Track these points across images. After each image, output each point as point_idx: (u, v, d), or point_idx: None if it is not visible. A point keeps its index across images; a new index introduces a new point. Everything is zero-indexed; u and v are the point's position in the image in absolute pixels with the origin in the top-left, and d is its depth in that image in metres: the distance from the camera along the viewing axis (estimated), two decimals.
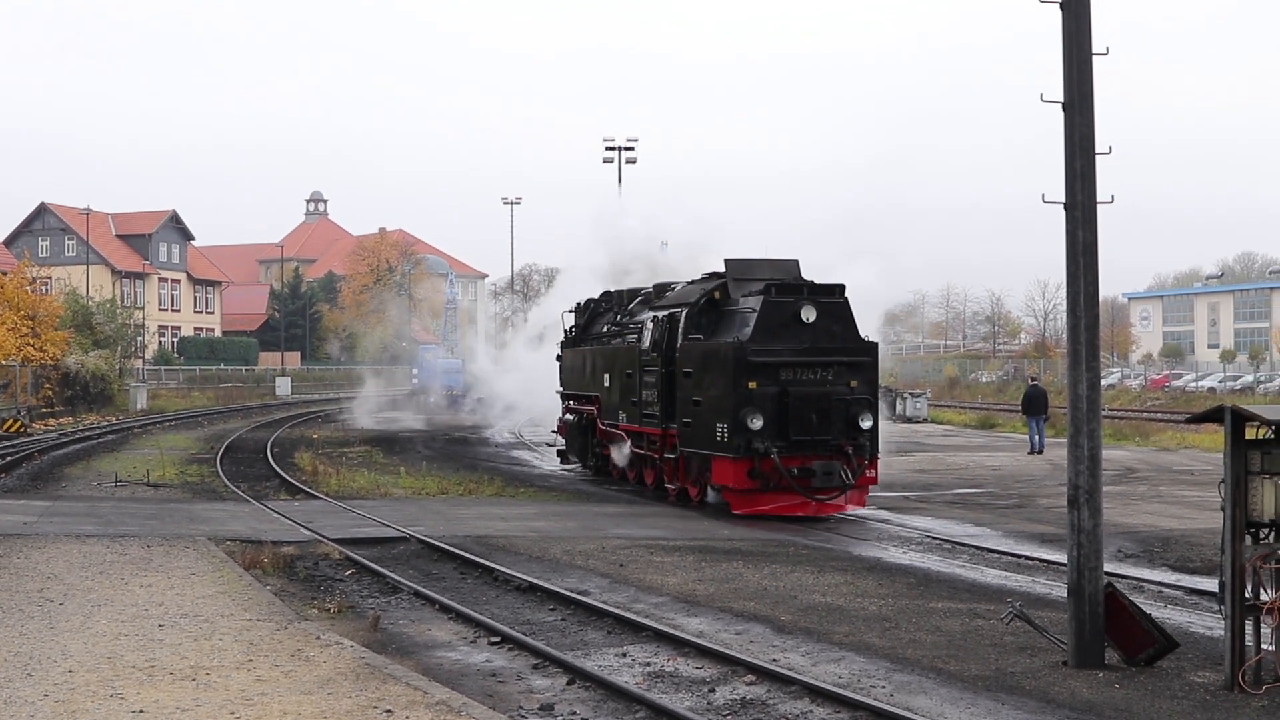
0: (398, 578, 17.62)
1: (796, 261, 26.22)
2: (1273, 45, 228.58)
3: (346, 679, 11.42)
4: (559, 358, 36.58)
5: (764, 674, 12.25)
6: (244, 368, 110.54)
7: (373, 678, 11.46)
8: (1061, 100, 12.69)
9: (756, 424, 23.11)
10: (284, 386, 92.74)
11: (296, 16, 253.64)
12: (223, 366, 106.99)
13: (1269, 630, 11.62)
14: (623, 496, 29.48)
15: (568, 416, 35.08)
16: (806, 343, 23.82)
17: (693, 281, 28.15)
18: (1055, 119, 12.80)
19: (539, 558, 19.34)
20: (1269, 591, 11.52)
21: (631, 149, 62.43)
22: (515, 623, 14.87)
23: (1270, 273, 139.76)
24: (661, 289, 29.78)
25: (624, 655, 13.31)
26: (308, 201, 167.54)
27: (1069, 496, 12.60)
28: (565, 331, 36.27)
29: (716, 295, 25.58)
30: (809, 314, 23.76)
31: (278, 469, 34.39)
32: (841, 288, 24.69)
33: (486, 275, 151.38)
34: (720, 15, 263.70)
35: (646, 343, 27.23)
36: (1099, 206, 12.68)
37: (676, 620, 14.78)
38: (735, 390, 23.31)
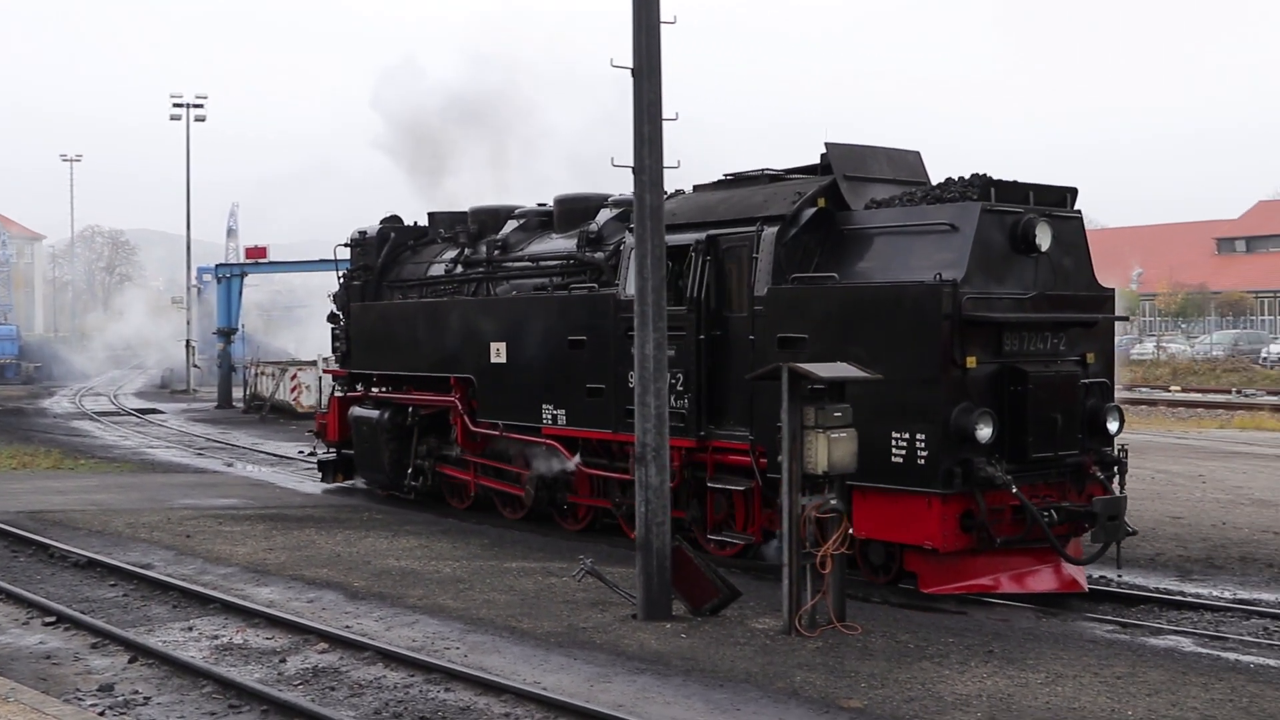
0: None
1: (918, 153, 16.60)
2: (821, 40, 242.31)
3: None
4: (333, 317, 23.97)
5: (336, 641, 12.04)
6: None
7: None
8: (631, 66, 12.92)
9: (985, 433, 13.26)
10: None
11: None
12: None
13: (823, 576, 12.23)
14: (191, 465, 28.49)
15: (361, 411, 22.21)
16: (1035, 288, 14.13)
17: (705, 186, 17.12)
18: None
19: (100, 532, 18.41)
20: (822, 540, 12.13)
21: (201, 106, 60.01)
22: (73, 601, 14.10)
23: None
24: (574, 205, 19.35)
25: (190, 629, 12.82)
26: None
27: (636, 454, 12.92)
28: (342, 278, 23.75)
29: (821, 202, 15.07)
30: (1044, 237, 14.01)
31: None
32: (1074, 193, 15.03)
33: (44, 237, 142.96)
34: None
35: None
36: (665, 171, 13.03)
37: (246, 591, 14.35)
38: (943, 372, 13.33)
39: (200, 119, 60.18)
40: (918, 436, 13.28)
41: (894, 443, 13.49)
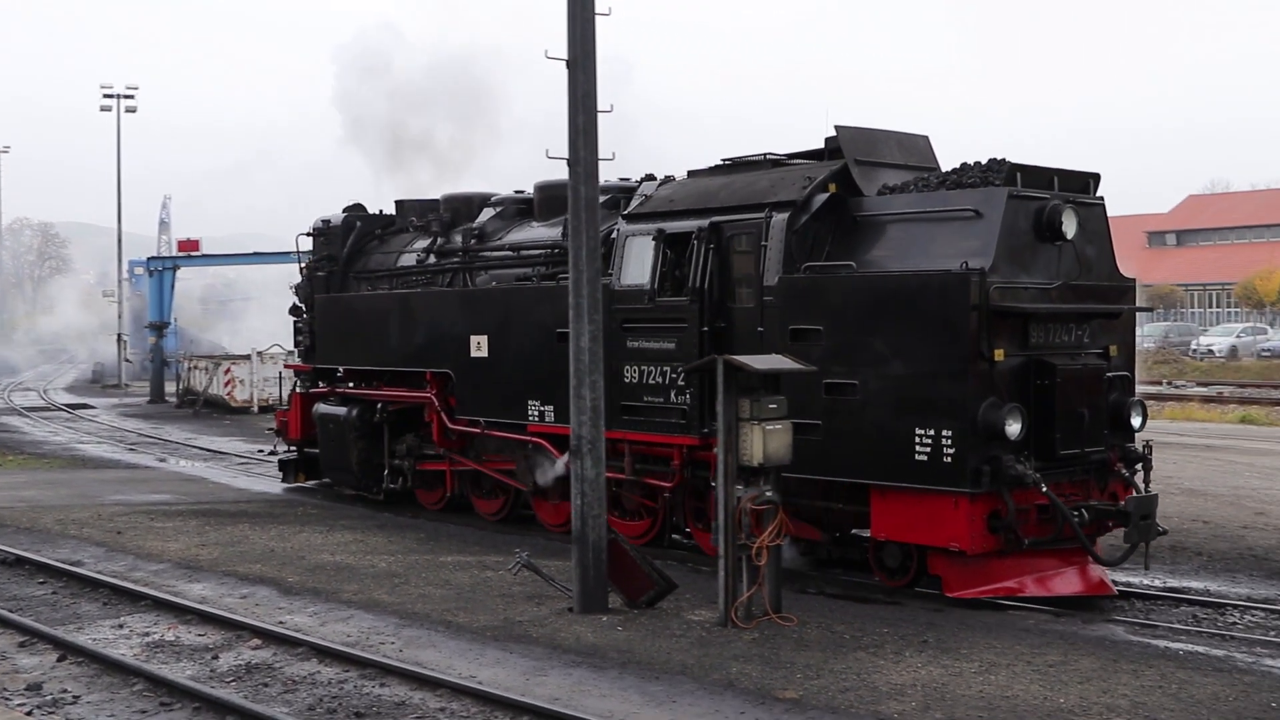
0: None
1: (927, 138, 16.00)
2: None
3: None
4: (296, 309, 23.15)
5: (270, 637, 11.94)
6: None
7: None
8: (566, 58, 12.86)
9: (1014, 429, 12.78)
10: None
11: None
12: None
13: (759, 568, 12.25)
14: (123, 461, 28.16)
15: (326, 408, 21.23)
16: (1060, 277, 13.69)
17: (702, 171, 16.41)
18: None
19: (28, 529, 18.17)
20: (758, 532, 12.14)
21: (131, 97, 59.29)
22: (0, 599, 13.90)
23: None
24: (557, 192, 17.74)
25: (121, 627, 12.67)
26: None
27: (572, 446, 12.89)
28: (304, 270, 22.74)
29: (832, 188, 14.47)
30: (1070, 225, 13.56)
31: None
32: (1097, 178, 14.60)
33: None
34: None
35: (643, 279, 15.68)
36: (600, 163, 12.99)
37: (178, 587, 14.20)
38: (969, 365, 12.72)
39: (131, 110, 59.53)
40: (944, 433, 12.67)
41: (918, 440, 12.86)
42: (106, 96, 59.06)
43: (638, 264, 15.69)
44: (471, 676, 10.53)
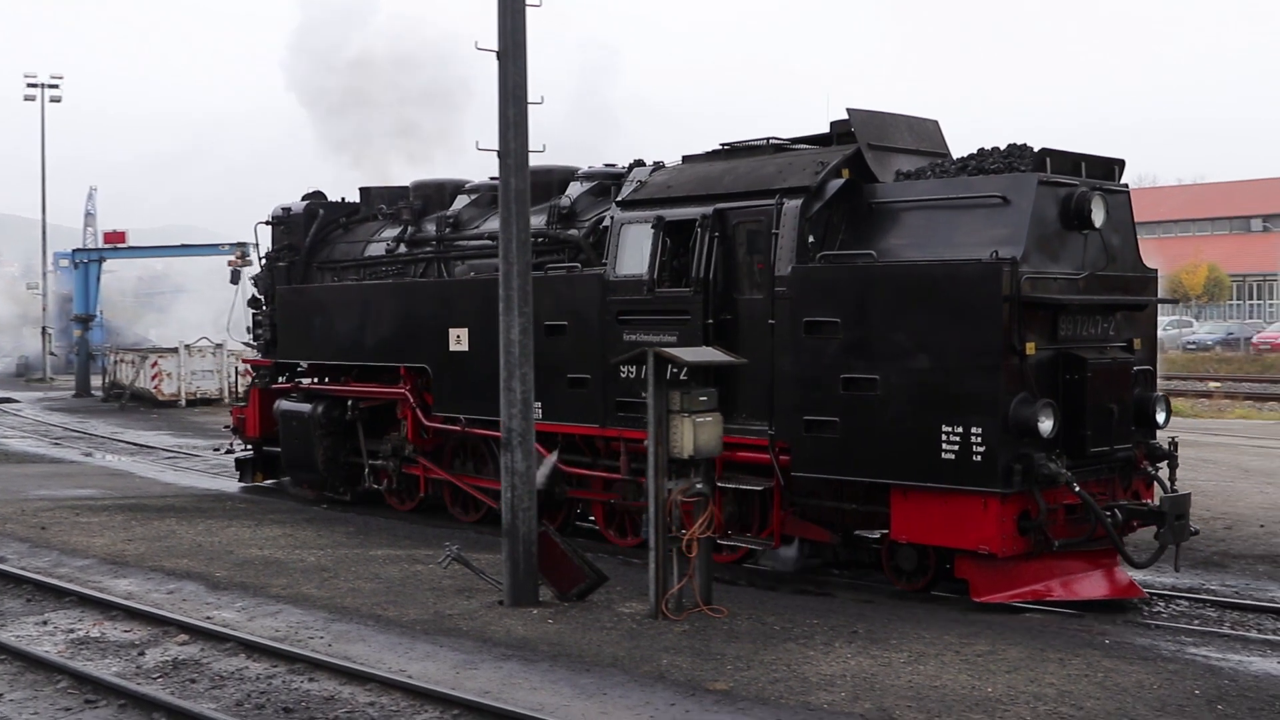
0: None
1: (936, 122, 15.38)
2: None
3: None
4: (254, 301, 22.30)
5: (197, 632, 11.83)
6: None
7: None
8: (496, 49, 12.81)
9: (1047, 425, 12.29)
10: None
11: None
12: None
13: (690, 560, 12.26)
14: (47, 455, 27.80)
15: (289, 405, 20.28)
16: (1087, 267, 13.14)
17: (699, 156, 15.58)
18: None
19: None
20: (689, 524, 12.16)
21: (56, 87, 58.39)
22: None
23: None
24: (538, 178, 16.31)
25: (45, 623, 12.51)
26: None
27: (503, 439, 12.85)
28: (264, 259, 22.02)
29: (846, 173, 13.85)
30: (1099, 213, 13.01)
31: None
32: (1122, 165, 14.05)
33: None
34: None
35: (640, 269, 15.03)
36: (530, 155, 12.95)
37: (104, 583, 14.04)
38: (1001, 359, 12.20)
39: (56, 100, 58.61)
40: (973, 430, 12.14)
41: (945, 437, 12.30)
42: (30, 86, 58.14)
43: (635, 253, 15.03)
44: (401, 670, 10.48)
